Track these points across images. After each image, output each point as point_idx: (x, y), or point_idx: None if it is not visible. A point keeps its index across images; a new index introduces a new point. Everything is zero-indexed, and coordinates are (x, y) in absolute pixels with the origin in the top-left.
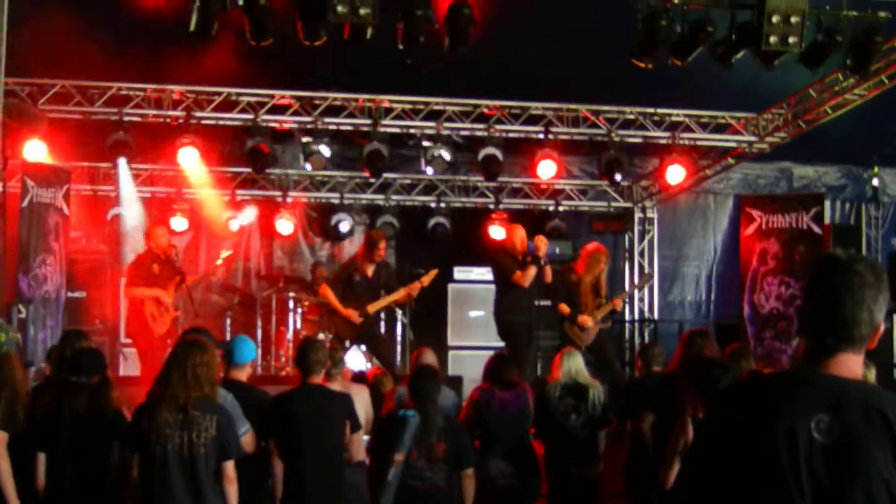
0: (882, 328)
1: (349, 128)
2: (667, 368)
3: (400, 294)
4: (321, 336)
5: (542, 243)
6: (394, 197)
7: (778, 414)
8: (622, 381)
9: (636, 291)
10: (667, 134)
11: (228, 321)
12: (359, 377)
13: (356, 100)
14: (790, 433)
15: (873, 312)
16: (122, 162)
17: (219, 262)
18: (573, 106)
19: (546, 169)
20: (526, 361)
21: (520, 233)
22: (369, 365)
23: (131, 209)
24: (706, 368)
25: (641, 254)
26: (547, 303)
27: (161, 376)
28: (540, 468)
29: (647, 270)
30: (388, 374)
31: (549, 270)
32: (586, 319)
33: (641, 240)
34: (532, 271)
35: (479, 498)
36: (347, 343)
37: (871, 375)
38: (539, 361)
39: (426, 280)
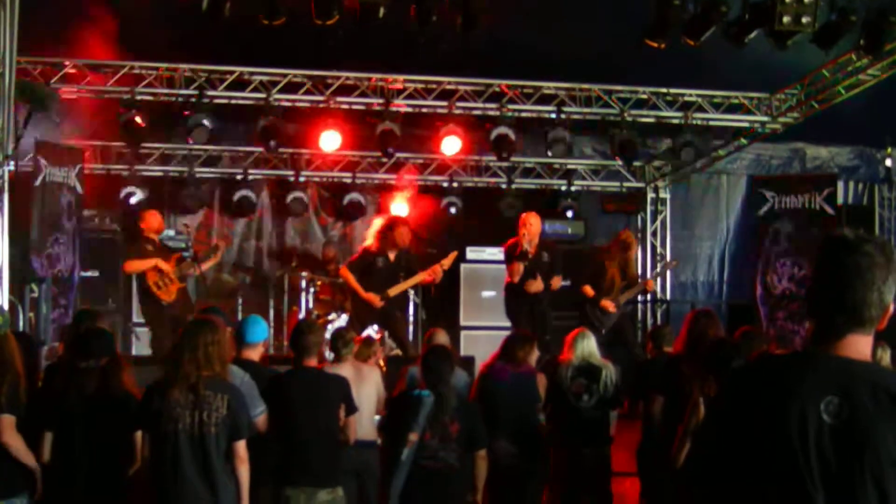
0: (892, 309)
1: (361, 107)
2: (673, 349)
3: (420, 278)
4: (332, 315)
5: (524, 238)
6: (406, 176)
7: (788, 396)
8: (640, 362)
9: (667, 272)
10: (679, 114)
11: (240, 301)
12: None
13: (369, 79)
14: (800, 415)
15: (883, 293)
16: None
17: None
18: (586, 86)
19: (450, 145)
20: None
21: (529, 220)
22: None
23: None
24: (717, 349)
25: (654, 234)
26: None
27: (172, 355)
28: (548, 448)
29: (667, 256)
30: (370, 342)
31: (557, 280)
32: (608, 304)
33: (654, 220)
34: (518, 267)
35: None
36: (367, 326)
37: (886, 357)
38: (552, 343)
39: (446, 263)
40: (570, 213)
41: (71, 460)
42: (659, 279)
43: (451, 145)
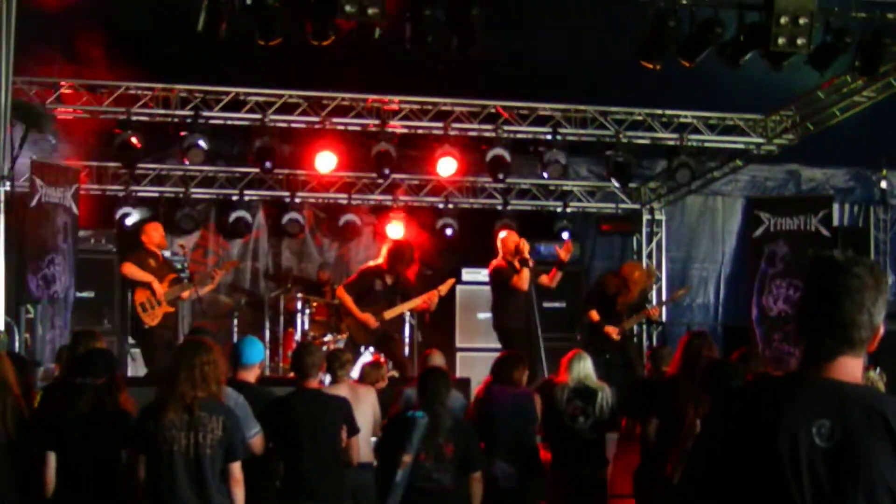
0: (882, 330)
1: (357, 128)
2: (668, 371)
3: (416, 303)
4: (328, 337)
5: (525, 245)
6: (402, 198)
7: (779, 419)
8: (636, 383)
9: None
10: (675, 135)
11: (236, 322)
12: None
13: (364, 100)
14: (792, 438)
15: (873, 315)
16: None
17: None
18: (581, 107)
19: (446, 166)
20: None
21: (512, 237)
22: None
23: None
24: (712, 370)
25: (650, 256)
26: (554, 305)
27: (167, 376)
28: (544, 470)
29: (663, 278)
30: (378, 366)
31: (555, 273)
32: (612, 330)
33: (649, 242)
34: (526, 273)
35: (483, 498)
36: (362, 348)
37: (881, 384)
38: (546, 364)
39: (443, 289)
40: (565, 235)
41: (68, 478)
42: (646, 299)
43: (447, 167)
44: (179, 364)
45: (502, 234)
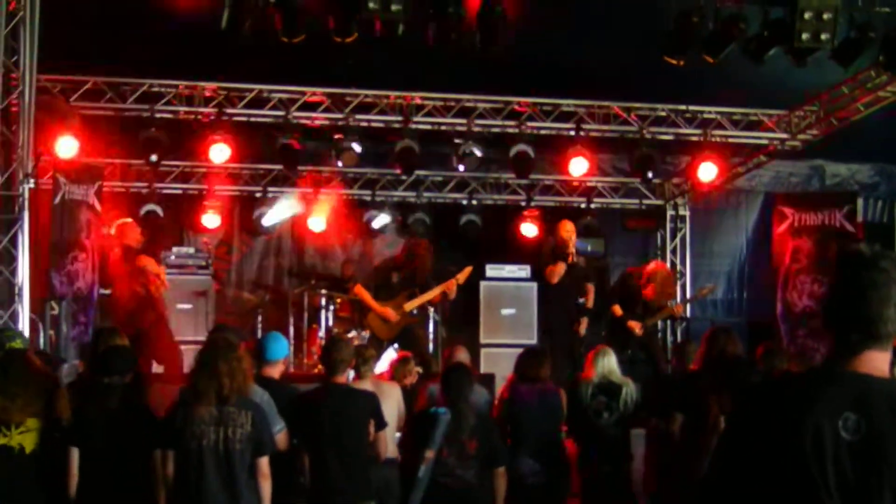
0: None
1: (380, 125)
2: (693, 366)
3: (436, 292)
4: (352, 333)
5: (570, 242)
6: (425, 194)
7: (805, 413)
8: (661, 379)
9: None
10: (698, 131)
11: (260, 318)
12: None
13: (387, 97)
14: (817, 432)
15: None
16: None
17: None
18: (605, 103)
19: (578, 166)
20: (559, 356)
21: (564, 227)
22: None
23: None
24: (735, 366)
25: (673, 251)
26: (579, 300)
27: (195, 373)
28: (570, 466)
29: (687, 273)
30: (407, 360)
31: (590, 290)
32: (635, 325)
33: (673, 237)
34: (560, 268)
35: (508, 495)
36: (385, 343)
37: None
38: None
39: (461, 277)
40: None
41: (93, 476)
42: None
43: (469, 162)
44: (206, 362)
45: (561, 223)
